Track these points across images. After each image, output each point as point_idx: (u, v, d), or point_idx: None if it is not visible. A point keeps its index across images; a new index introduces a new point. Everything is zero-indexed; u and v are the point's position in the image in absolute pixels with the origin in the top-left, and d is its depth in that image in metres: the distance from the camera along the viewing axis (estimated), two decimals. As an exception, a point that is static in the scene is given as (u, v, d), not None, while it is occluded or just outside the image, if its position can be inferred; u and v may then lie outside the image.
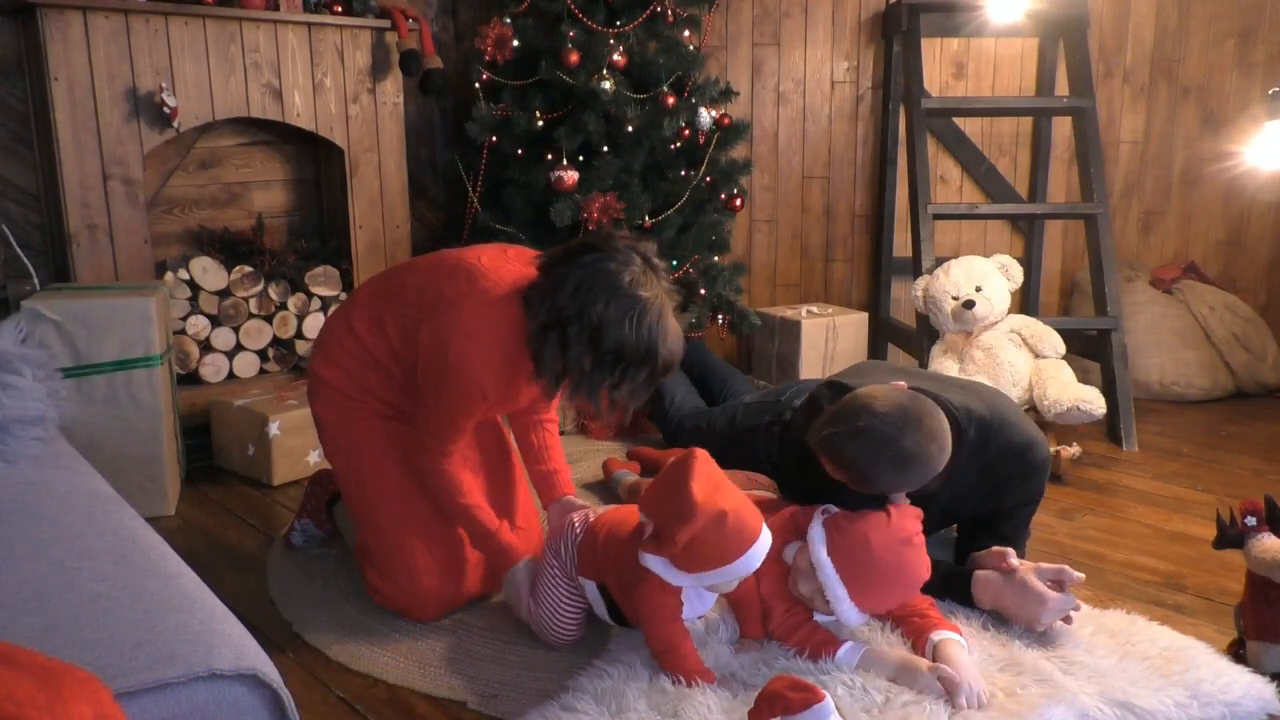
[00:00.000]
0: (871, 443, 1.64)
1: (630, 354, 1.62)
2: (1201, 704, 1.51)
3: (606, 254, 1.64)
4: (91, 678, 0.84)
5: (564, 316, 1.62)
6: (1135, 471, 2.74)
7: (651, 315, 1.62)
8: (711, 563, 1.55)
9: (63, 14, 2.51)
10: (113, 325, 2.27)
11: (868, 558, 1.62)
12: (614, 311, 1.60)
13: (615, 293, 1.61)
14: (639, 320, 1.61)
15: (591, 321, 1.61)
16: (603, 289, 1.61)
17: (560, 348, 1.64)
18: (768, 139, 3.80)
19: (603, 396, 1.67)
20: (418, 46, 3.10)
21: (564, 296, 1.63)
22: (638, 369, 1.64)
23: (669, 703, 1.50)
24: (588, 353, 1.63)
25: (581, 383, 1.66)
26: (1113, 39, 3.82)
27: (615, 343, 1.61)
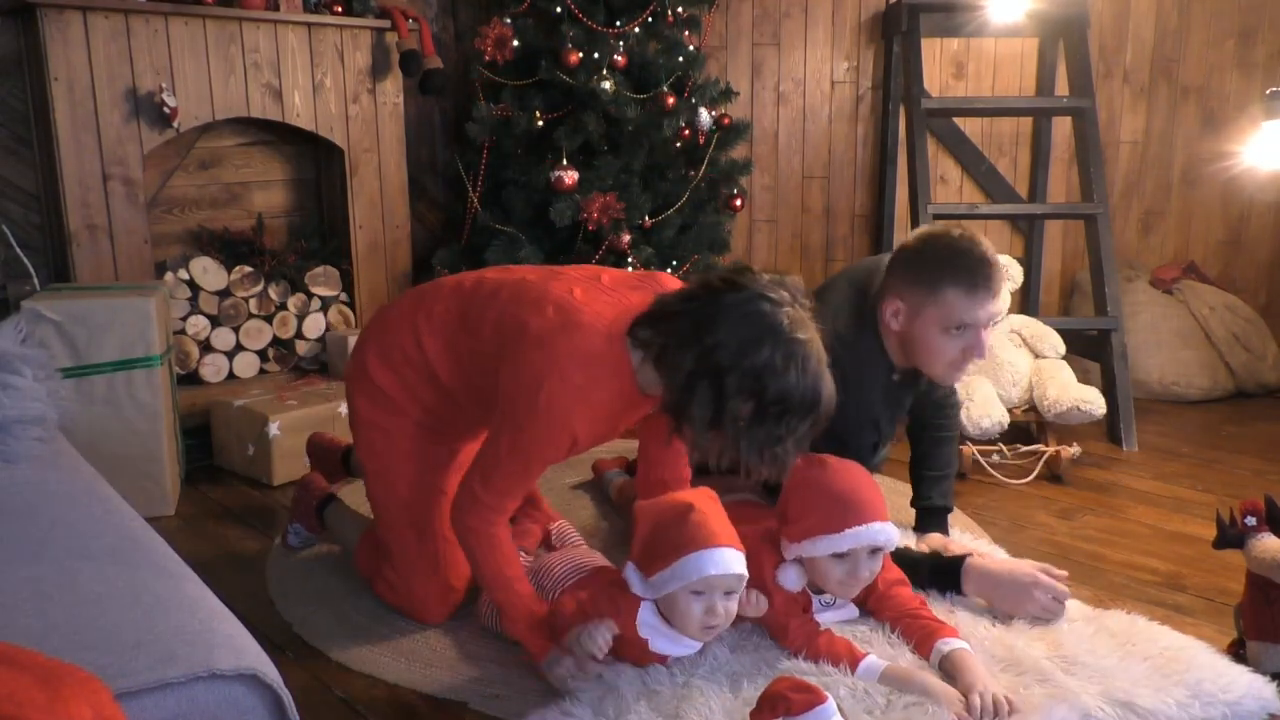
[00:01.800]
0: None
1: (796, 404, 1.47)
2: (1203, 704, 1.51)
3: (756, 292, 1.50)
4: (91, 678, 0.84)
5: (717, 364, 1.46)
6: (1135, 471, 2.74)
7: (814, 360, 1.49)
8: (668, 556, 1.53)
9: (63, 14, 2.51)
10: (113, 325, 2.27)
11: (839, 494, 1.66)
12: (779, 359, 1.45)
13: (778, 337, 1.46)
14: (804, 366, 1.47)
15: (754, 370, 1.45)
16: (765, 333, 1.46)
17: (715, 399, 1.47)
18: (768, 139, 3.80)
19: (761, 450, 1.50)
20: (418, 46, 3.10)
21: (714, 340, 1.46)
22: (801, 419, 1.49)
23: (669, 704, 1.50)
24: (747, 404, 1.47)
25: (738, 437, 1.49)
26: (1113, 39, 3.82)
27: (780, 392, 1.46)
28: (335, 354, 3.07)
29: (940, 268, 1.82)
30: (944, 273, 1.81)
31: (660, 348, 1.53)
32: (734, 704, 1.51)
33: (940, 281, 1.81)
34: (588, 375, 1.55)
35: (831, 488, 1.67)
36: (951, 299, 1.81)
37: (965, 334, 1.84)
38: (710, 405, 1.47)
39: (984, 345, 1.86)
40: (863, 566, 1.67)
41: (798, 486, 1.70)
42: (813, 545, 1.66)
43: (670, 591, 1.54)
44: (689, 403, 1.49)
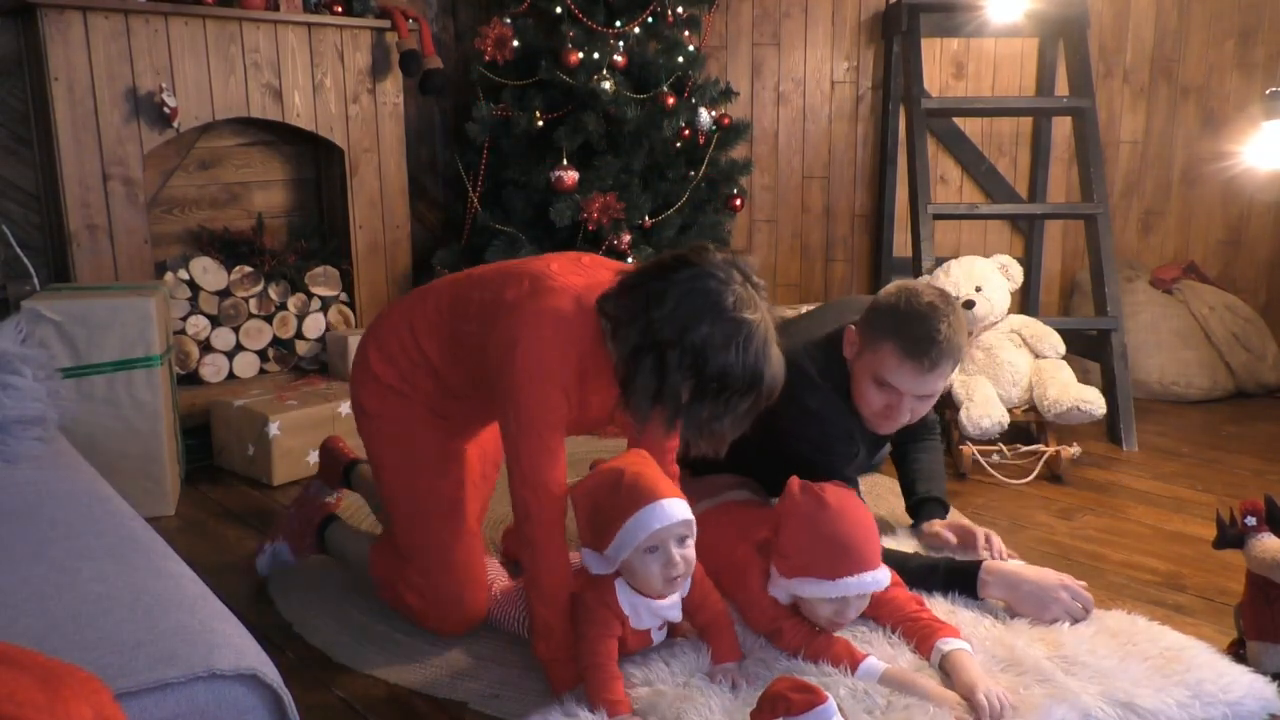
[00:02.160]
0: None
1: (735, 382, 1.49)
2: (1203, 704, 1.51)
3: (705, 270, 1.52)
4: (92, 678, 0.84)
5: (661, 338, 1.49)
6: (1135, 471, 2.74)
7: (757, 340, 1.50)
8: (614, 524, 1.53)
9: (63, 14, 2.51)
10: (113, 325, 2.27)
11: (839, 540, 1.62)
12: (719, 335, 1.47)
13: (720, 314, 1.48)
14: (745, 345, 1.48)
15: (694, 345, 1.48)
16: (706, 310, 1.48)
17: (657, 373, 1.50)
18: (768, 139, 3.80)
19: (700, 426, 1.54)
20: (418, 46, 3.10)
21: (661, 315, 1.49)
22: (741, 398, 1.51)
23: (670, 704, 1.50)
24: (688, 379, 1.49)
25: (678, 412, 1.53)
26: (1113, 39, 3.82)
27: (719, 369, 1.48)
28: (335, 354, 3.07)
29: (892, 322, 1.82)
30: (892, 328, 1.82)
31: (614, 320, 1.56)
32: (734, 704, 1.51)
33: (885, 335, 1.83)
34: (556, 331, 1.57)
35: (828, 531, 1.62)
36: (886, 355, 1.82)
37: (889, 393, 1.85)
38: (653, 378, 1.50)
39: (904, 411, 1.87)
40: (851, 608, 1.65)
41: (795, 521, 1.66)
42: (803, 586, 1.62)
43: (626, 558, 1.54)
44: (634, 375, 1.52)
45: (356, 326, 3.20)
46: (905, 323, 1.81)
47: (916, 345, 1.79)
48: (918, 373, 1.81)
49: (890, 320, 1.83)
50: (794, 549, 1.65)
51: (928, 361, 1.80)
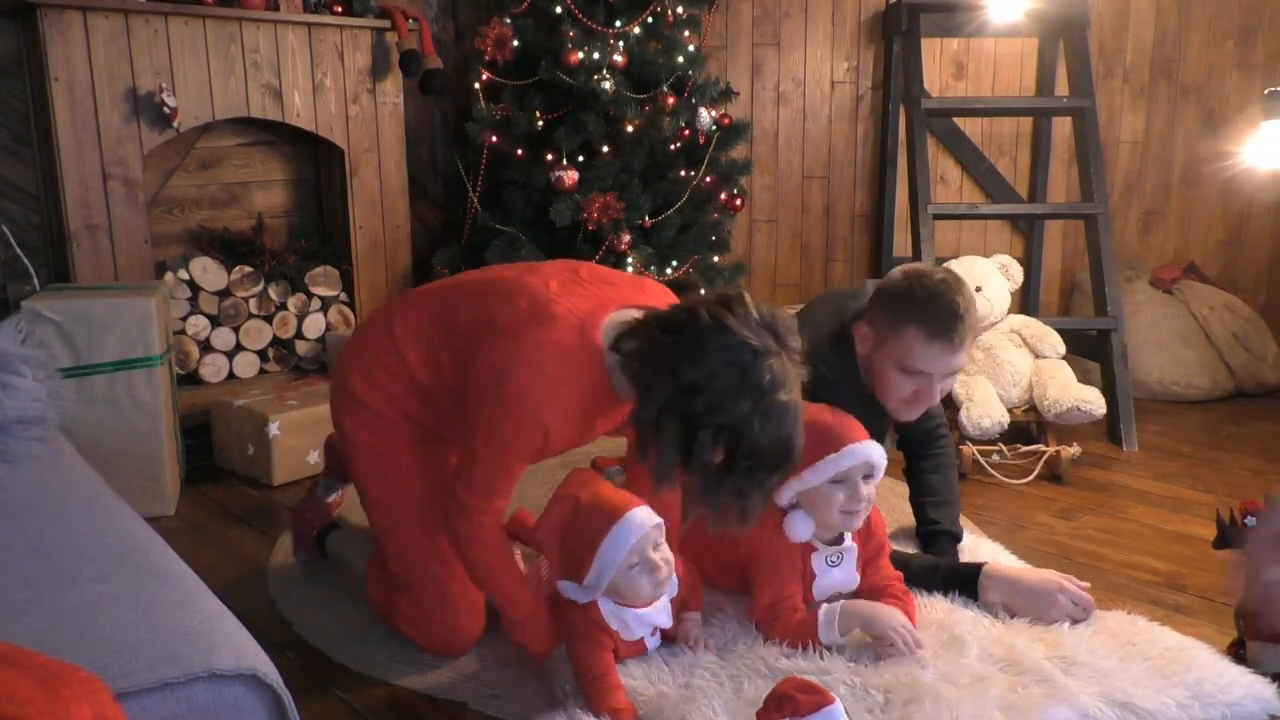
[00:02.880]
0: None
1: (768, 460, 1.44)
2: (1203, 704, 1.51)
3: (741, 340, 1.41)
4: (92, 678, 0.84)
5: (694, 408, 1.41)
6: (1135, 471, 2.74)
7: (789, 418, 1.43)
8: (588, 553, 1.52)
9: (63, 14, 2.51)
10: (113, 325, 2.27)
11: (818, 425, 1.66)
12: (756, 418, 1.40)
13: (757, 395, 1.40)
14: (779, 426, 1.42)
15: (730, 423, 1.41)
16: (745, 390, 1.40)
17: (683, 443, 1.43)
18: (768, 139, 3.80)
19: (725, 500, 1.47)
20: (418, 46, 3.10)
21: (693, 382, 1.40)
22: (772, 474, 1.47)
23: (674, 706, 1.50)
24: (718, 453, 1.43)
25: (705, 483, 1.46)
26: (1113, 39, 3.82)
27: (752, 449, 1.42)
28: (335, 354, 3.07)
29: (909, 306, 1.81)
30: (911, 312, 1.80)
31: (637, 371, 1.48)
32: (736, 704, 1.51)
33: (905, 320, 1.81)
34: (559, 370, 1.50)
35: (816, 419, 1.67)
36: (910, 340, 1.80)
37: (918, 378, 1.84)
38: (679, 446, 1.44)
39: (934, 393, 1.86)
40: (861, 488, 1.69)
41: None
42: (814, 473, 1.67)
43: (611, 581, 1.55)
44: (659, 437, 1.45)
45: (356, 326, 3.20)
46: (924, 304, 1.80)
47: (942, 324, 1.78)
48: (946, 351, 1.80)
49: (907, 304, 1.81)
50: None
51: (956, 338, 1.80)
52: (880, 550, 1.82)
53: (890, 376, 1.86)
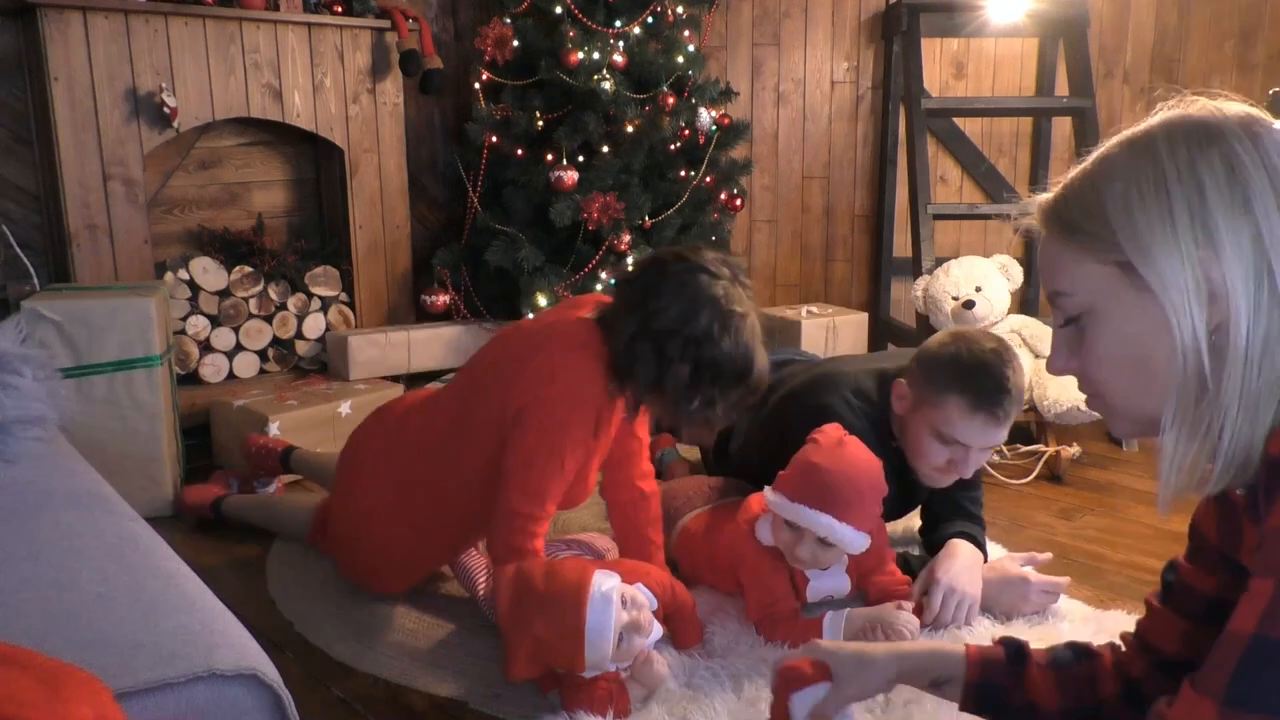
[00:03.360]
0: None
1: (728, 370, 1.58)
2: (1202, 704, 1.51)
3: (698, 264, 1.60)
4: (92, 678, 0.84)
5: (659, 327, 1.57)
6: (1135, 471, 2.74)
7: (748, 331, 1.59)
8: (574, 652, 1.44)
9: (63, 14, 2.51)
10: (113, 325, 2.27)
11: (823, 476, 1.63)
12: (715, 326, 1.56)
13: (714, 306, 1.57)
14: (737, 336, 1.57)
15: (693, 335, 1.56)
16: (703, 302, 1.57)
17: (656, 360, 1.58)
18: (768, 139, 3.80)
19: (694, 413, 1.62)
20: (418, 46, 3.11)
21: (658, 305, 1.57)
22: (733, 386, 1.60)
23: (676, 705, 1.50)
24: (685, 365, 1.57)
25: (677, 399, 1.60)
26: (1113, 39, 3.82)
27: (713, 358, 1.57)
28: (335, 354, 3.07)
29: (954, 373, 1.73)
30: (955, 380, 1.73)
31: (610, 315, 1.63)
32: (737, 704, 1.51)
33: (948, 387, 1.74)
34: (584, 355, 1.62)
35: (824, 463, 1.64)
36: (951, 408, 1.74)
37: (954, 448, 1.77)
38: (652, 366, 1.57)
39: (970, 465, 1.79)
40: (804, 547, 1.66)
41: (811, 446, 1.70)
42: (773, 497, 1.68)
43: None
44: (633, 363, 1.58)
45: (356, 326, 3.20)
46: (971, 373, 1.72)
47: (987, 397, 1.71)
48: (989, 425, 1.73)
49: (952, 372, 1.74)
50: (789, 469, 1.70)
51: (1001, 413, 1.72)
52: (881, 559, 1.81)
53: (925, 442, 1.79)
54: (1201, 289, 0.86)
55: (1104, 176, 0.92)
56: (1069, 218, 0.94)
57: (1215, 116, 0.90)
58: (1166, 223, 0.87)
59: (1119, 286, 0.91)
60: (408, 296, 3.32)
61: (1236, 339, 0.84)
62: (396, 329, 3.11)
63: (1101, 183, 0.92)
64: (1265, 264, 0.84)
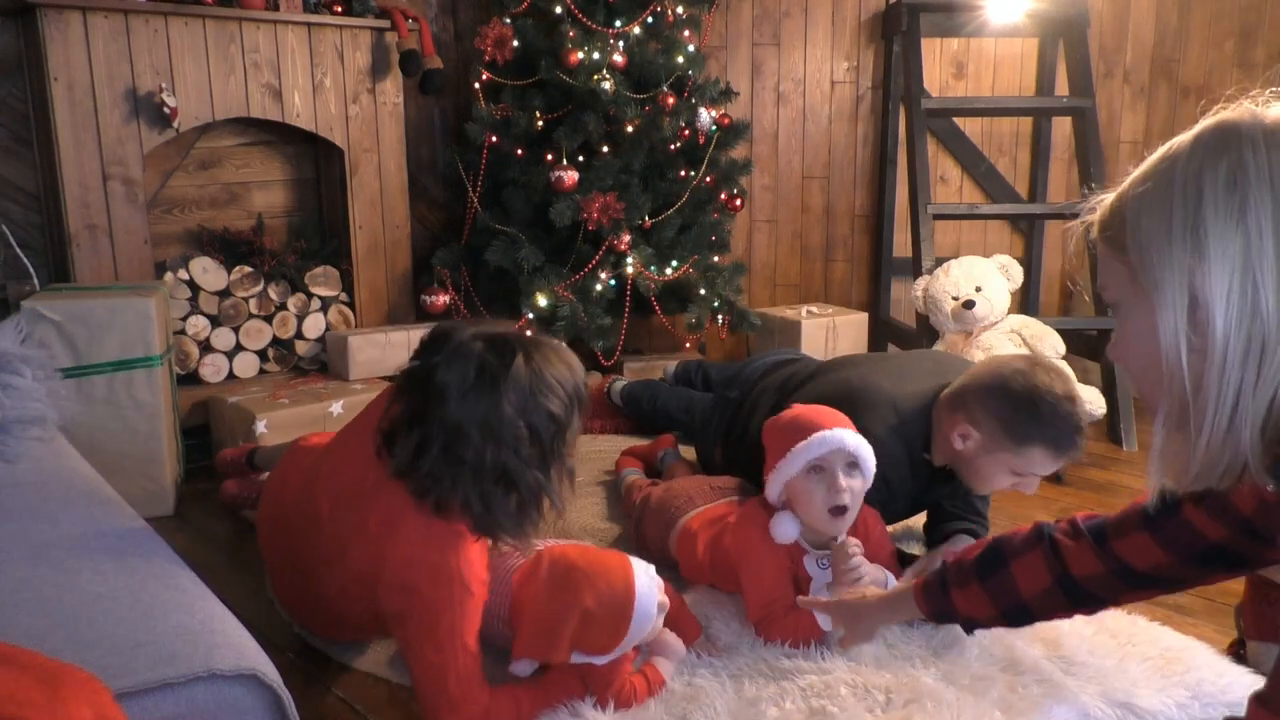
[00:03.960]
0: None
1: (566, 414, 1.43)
2: (1202, 704, 1.51)
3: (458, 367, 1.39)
4: (92, 678, 0.84)
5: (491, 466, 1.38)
6: (1135, 471, 2.74)
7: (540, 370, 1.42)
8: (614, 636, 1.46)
9: (63, 14, 2.51)
10: (113, 325, 2.27)
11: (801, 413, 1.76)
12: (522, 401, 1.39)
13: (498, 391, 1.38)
14: (546, 382, 1.41)
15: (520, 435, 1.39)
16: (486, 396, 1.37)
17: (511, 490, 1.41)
18: (768, 139, 3.80)
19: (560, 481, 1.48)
20: (418, 46, 3.10)
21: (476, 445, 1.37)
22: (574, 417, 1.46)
23: (677, 704, 1.50)
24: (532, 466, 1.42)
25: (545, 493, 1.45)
26: (1113, 39, 3.82)
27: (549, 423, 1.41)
28: (335, 354, 3.07)
29: (1037, 429, 1.77)
30: (1039, 435, 1.77)
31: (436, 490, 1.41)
32: (737, 704, 1.51)
33: (1031, 441, 1.77)
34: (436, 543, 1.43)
35: (791, 413, 1.76)
36: (1035, 455, 1.79)
37: (1025, 479, 1.84)
38: (507, 499, 1.41)
39: (1036, 487, 1.88)
40: (840, 478, 1.67)
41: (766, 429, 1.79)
42: (787, 464, 1.69)
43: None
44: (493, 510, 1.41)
45: (356, 327, 3.20)
46: (1050, 424, 1.76)
47: (1067, 443, 1.77)
48: (1066, 460, 1.81)
49: (1032, 424, 1.77)
50: (771, 445, 1.74)
51: (1076, 453, 1.79)
52: (881, 552, 1.82)
53: (995, 476, 1.85)
54: (1184, 296, 0.88)
55: (1137, 179, 0.95)
56: (1105, 217, 0.99)
57: (1244, 122, 0.92)
58: (1164, 229, 0.89)
59: (1131, 286, 0.94)
60: (408, 296, 3.32)
61: (1214, 347, 0.86)
62: (396, 329, 3.11)
63: (1131, 186, 0.95)
64: (1251, 276, 0.85)
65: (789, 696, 1.52)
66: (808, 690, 1.54)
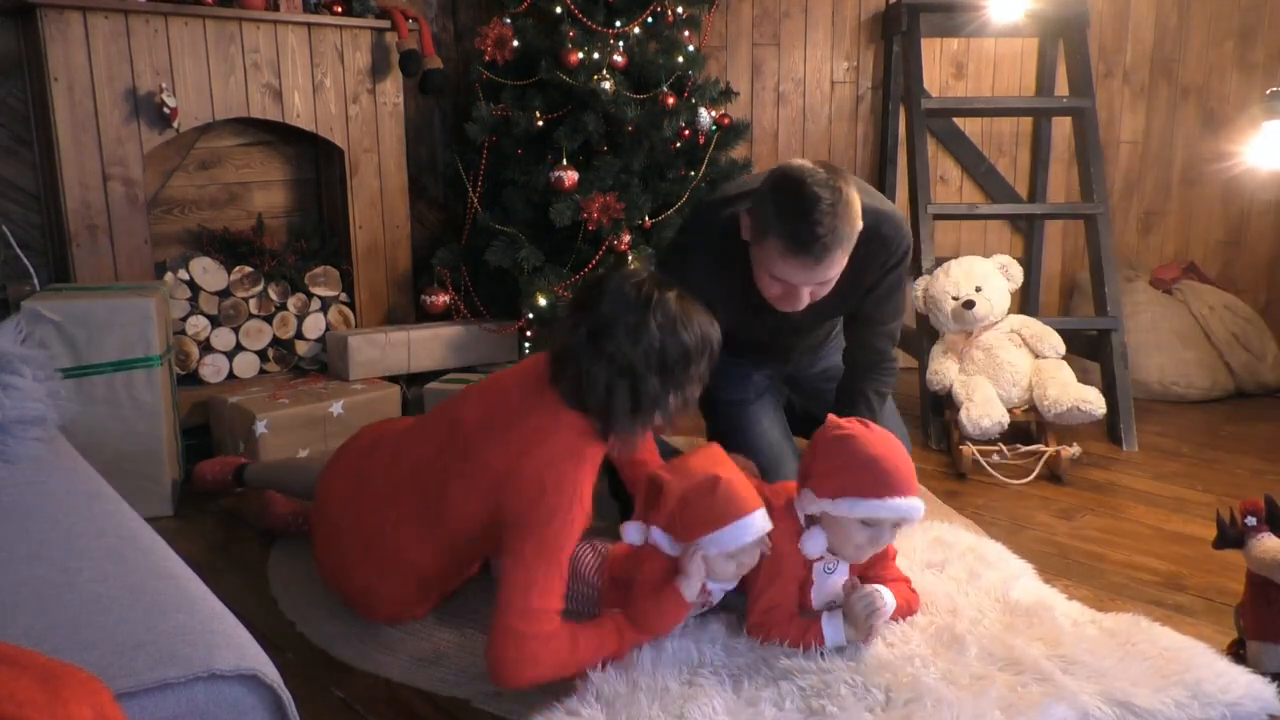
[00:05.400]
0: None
1: (695, 351, 1.63)
2: (1202, 704, 1.51)
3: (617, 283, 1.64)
4: (92, 678, 0.84)
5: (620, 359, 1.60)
6: (1135, 471, 2.74)
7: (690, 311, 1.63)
8: (703, 527, 1.63)
9: (63, 14, 2.51)
10: (113, 325, 2.27)
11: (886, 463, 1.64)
12: (665, 324, 1.60)
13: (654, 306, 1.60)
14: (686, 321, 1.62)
15: (653, 347, 1.60)
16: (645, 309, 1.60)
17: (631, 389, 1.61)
18: (768, 139, 3.80)
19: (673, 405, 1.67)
20: (418, 46, 3.10)
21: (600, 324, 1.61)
22: (702, 361, 1.65)
23: (675, 703, 1.50)
24: (655, 376, 1.61)
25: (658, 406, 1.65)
26: (1113, 39, 3.82)
27: (680, 351, 1.61)
28: (335, 354, 3.07)
29: (773, 214, 1.77)
30: (773, 222, 1.77)
31: (570, 372, 1.63)
32: (736, 703, 1.51)
33: (768, 229, 1.78)
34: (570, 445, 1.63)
35: (871, 452, 1.65)
36: (770, 250, 1.79)
37: (783, 284, 1.83)
38: (629, 397, 1.61)
39: (800, 298, 1.85)
40: (885, 537, 1.68)
41: (836, 444, 1.69)
42: (848, 506, 1.64)
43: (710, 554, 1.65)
44: (613, 406, 1.62)
45: (356, 327, 3.20)
46: (786, 216, 1.75)
47: (800, 242, 1.75)
48: (804, 267, 1.78)
49: (771, 212, 1.77)
50: (834, 469, 1.67)
51: (811, 259, 1.76)
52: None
53: (760, 273, 1.87)
54: None
55: None
56: None
57: None
58: None
59: None
60: (408, 296, 3.32)
61: None
62: (396, 329, 3.11)
63: None
64: None
65: (789, 696, 1.53)
66: (807, 690, 1.54)
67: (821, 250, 1.75)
